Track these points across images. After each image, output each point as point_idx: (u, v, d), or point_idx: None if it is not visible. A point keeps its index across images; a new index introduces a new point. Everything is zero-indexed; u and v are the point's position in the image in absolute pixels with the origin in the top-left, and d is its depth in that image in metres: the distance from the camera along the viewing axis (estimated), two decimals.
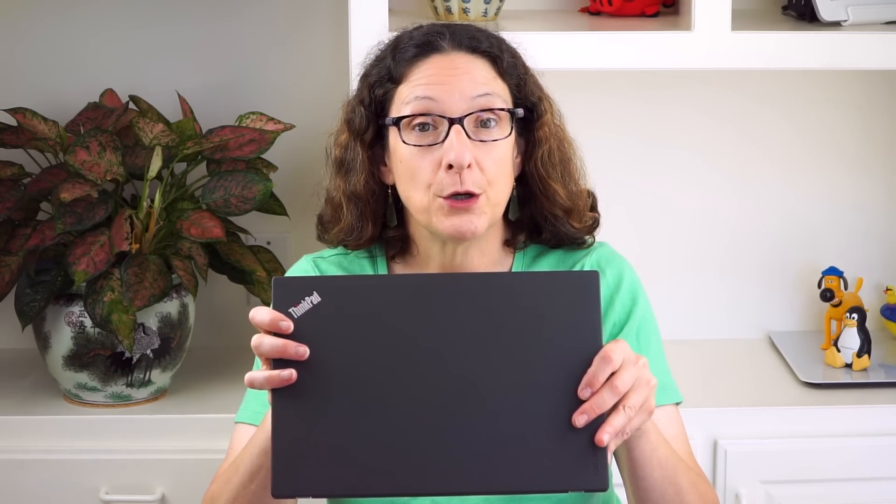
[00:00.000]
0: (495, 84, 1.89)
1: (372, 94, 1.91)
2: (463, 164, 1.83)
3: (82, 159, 2.56)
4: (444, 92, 1.85)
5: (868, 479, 2.57)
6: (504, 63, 1.90)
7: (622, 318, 1.94)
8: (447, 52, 1.89)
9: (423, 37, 1.91)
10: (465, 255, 1.92)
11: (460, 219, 1.85)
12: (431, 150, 1.85)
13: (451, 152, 1.83)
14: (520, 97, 1.91)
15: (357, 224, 1.95)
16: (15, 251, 2.62)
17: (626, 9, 2.74)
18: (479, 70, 1.88)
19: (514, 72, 1.91)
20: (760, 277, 2.96)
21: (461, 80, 1.86)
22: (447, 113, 1.85)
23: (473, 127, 1.86)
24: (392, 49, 1.92)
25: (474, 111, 1.85)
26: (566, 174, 1.95)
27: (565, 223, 1.94)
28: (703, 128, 2.91)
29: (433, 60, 1.88)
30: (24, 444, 2.60)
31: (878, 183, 2.95)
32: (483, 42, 1.90)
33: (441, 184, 1.84)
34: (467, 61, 1.89)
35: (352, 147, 1.93)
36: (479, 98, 1.86)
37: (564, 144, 1.95)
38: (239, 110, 2.80)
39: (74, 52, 2.88)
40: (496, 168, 1.86)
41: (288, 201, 2.77)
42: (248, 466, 1.77)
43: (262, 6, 2.88)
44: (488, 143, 1.86)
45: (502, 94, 1.89)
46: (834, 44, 2.57)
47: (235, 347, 2.86)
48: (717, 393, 2.68)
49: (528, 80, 1.93)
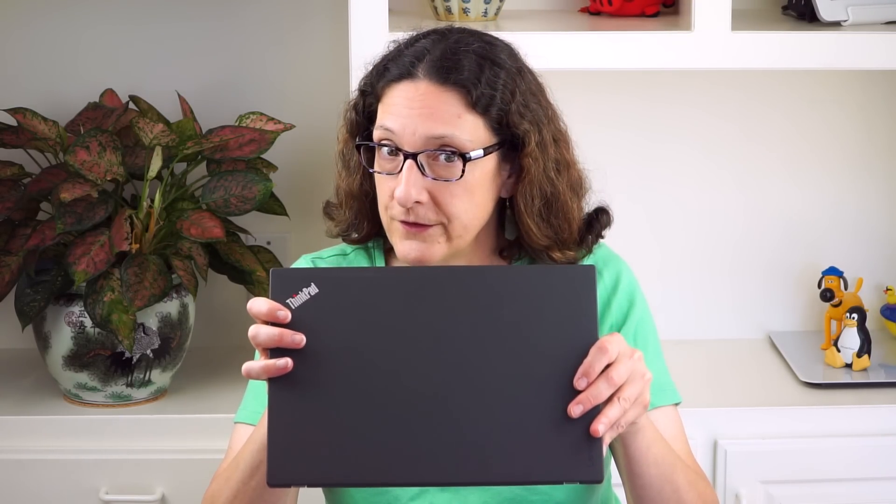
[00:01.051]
0: (459, 121, 1.82)
1: (364, 102, 1.92)
2: (407, 203, 1.82)
3: (82, 159, 2.56)
4: (403, 126, 1.82)
5: (868, 479, 2.57)
6: (475, 95, 1.82)
7: (619, 319, 1.94)
8: (417, 81, 1.83)
9: (407, 56, 1.86)
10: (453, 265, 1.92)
11: (412, 245, 1.85)
12: (390, 178, 1.84)
13: (399, 188, 1.82)
14: (500, 127, 1.85)
15: (354, 221, 1.96)
16: (15, 251, 2.62)
17: (626, 9, 2.74)
18: (443, 105, 1.82)
19: (492, 102, 1.83)
20: (761, 277, 2.96)
21: (420, 117, 1.82)
22: (403, 146, 1.83)
23: (431, 161, 1.83)
24: (381, 66, 1.89)
25: (428, 150, 1.82)
26: (546, 208, 1.89)
27: (543, 255, 1.92)
28: (703, 128, 2.91)
29: (402, 88, 1.84)
30: (24, 444, 2.60)
31: (878, 183, 2.95)
32: (453, 72, 1.83)
33: (394, 211, 1.85)
34: (432, 94, 1.82)
35: (349, 147, 1.94)
36: (436, 139, 1.81)
37: (551, 174, 1.88)
38: (239, 110, 2.80)
39: (74, 52, 2.88)
40: (453, 203, 1.83)
41: (288, 201, 2.77)
42: (248, 462, 1.77)
43: (261, 6, 2.88)
44: (442, 183, 1.82)
45: (468, 130, 1.82)
46: (834, 44, 2.57)
47: (235, 347, 2.86)
48: (717, 393, 2.68)
49: (511, 108, 1.84)
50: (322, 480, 1.63)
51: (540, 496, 1.89)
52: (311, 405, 1.62)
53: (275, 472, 1.61)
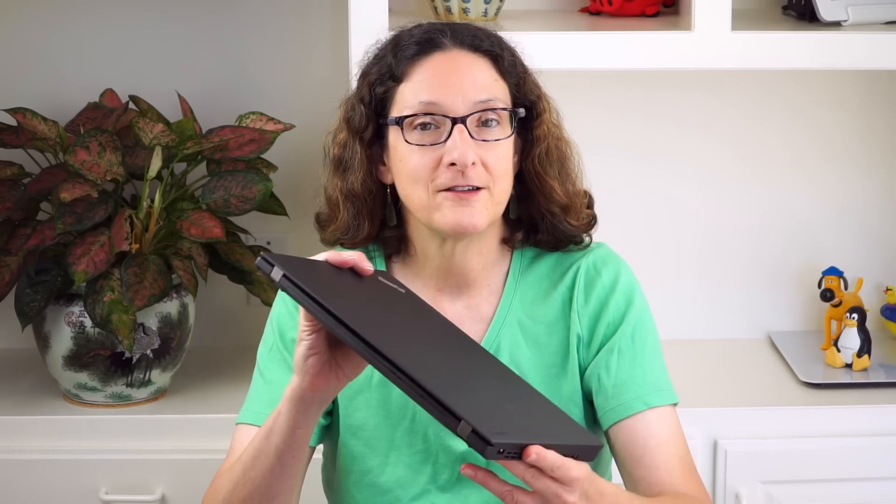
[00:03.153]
0: (496, 84, 1.89)
1: (372, 93, 1.91)
2: (466, 163, 1.84)
3: (82, 159, 2.56)
4: (447, 94, 1.86)
5: (868, 479, 2.57)
6: (505, 62, 1.91)
7: (616, 318, 1.94)
8: (449, 50, 1.89)
9: (423, 34, 1.91)
10: (464, 254, 1.93)
11: (462, 212, 1.86)
12: (432, 148, 1.86)
13: (455, 151, 1.84)
14: (519, 96, 1.92)
15: (353, 222, 1.95)
16: (15, 251, 2.62)
17: (626, 9, 2.74)
18: (480, 70, 1.89)
19: (514, 71, 1.92)
20: (761, 277, 2.96)
21: (464, 82, 1.87)
22: (450, 113, 1.86)
23: (476, 126, 1.87)
24: (393, 47, 1.92)
25: (477, 111, 1.86)
26: (563, 172, 1.95)
27: (562, 220, 1.94)
28: (703, 128, 2.91)
29: (435, 59, 1.89)
30: (24, 444, 2.60)
31: (878, 183, 2.95)
32: (484, 41, 1.91)
33: (442, 179, 1.85)
34: (469, 61, 1.89)
35: (350, 145, 1.94)
36: (482, 102, 1.87)
37: (562, 143, 1.96)
38: (239, 110, 2.79)
39: (74, 52, 2.88)
40: (500, 166, 1.87)
41: (288, 201, 2.77)
42: (251, 452, 1.79)
43: (261, 6, 2.88)
44: (491, 143, 1.86)
45: (503, 94, 1.89)
46: (834, 44, 2.57)
47: (235, 347, 2.86)
48: (717, 393, 2.68)
49: (526, 78, 1.93)
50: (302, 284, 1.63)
51: None
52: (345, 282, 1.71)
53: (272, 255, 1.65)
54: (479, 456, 1.89)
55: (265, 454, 1.77)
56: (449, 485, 1.92)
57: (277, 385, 1.92)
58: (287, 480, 1.80)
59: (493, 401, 1.63)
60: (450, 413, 1.54)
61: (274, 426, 1.76)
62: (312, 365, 1.71)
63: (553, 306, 1.95)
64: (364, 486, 1.93)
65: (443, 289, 1.96)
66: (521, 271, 1.98)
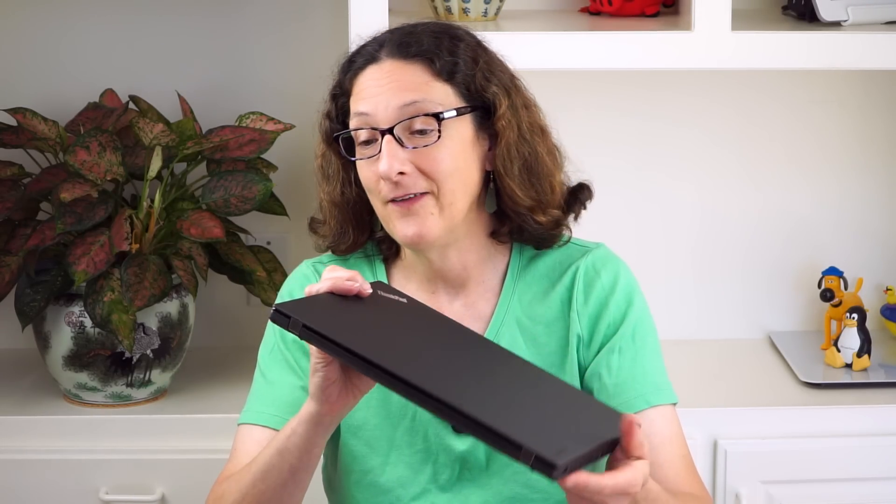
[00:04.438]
0: (427, 87, 1.87)
1: (336, 106, 1.95)
2: (391, 175, 1.84)
3: (82, 159, 2.56)
4: (374, 104, 1.87)
5: (868, 479, 2.57)
6: (439, 63, 1.88)
7: (617, 318, 1.94)
8: (381, 62, 1.89)
9: (367, 47, 1.92)
10: (443, 258, 1.93)
11: (407, 223, 1.86)
12: (372, 161, 1.87)
13: (381, 163, 1.85)
14: (470, 93, 1.89)
15: (340, 230, 1.97)
16: (15, 251, 2.62)
17: (626, 9, 2.74)
18: (409, 76, 1.87)
19: (456, 69, 1.89)
20: (760, 277, 2.96)
21: (388, 91, 1.87)
22: (378, 125, 1.86)
23: (408, 134, 1.86)
24: (347, 61, 1.94)
25: (401, 119, 1.86)
26: (526, 169, 1.91)
27: (527, 218, 1.93)
28: (703, 128, 2.91)
29: (369, 73, 1.90)
30: (24, 444, 2.60)
31: (878, 183, 2.95)
32: (413, 46, 1.89)
33: (384, 192, 1.87)
34: (398, 69, 1.88)
35: (328, 156, 1.96)
36: (407, 107, 1.86)
37: (527, 137, 1.92)
38: (239, 110, 2.80)
39: (74, 52, 2.88)
40: (440, 168, 1.86)
41: (288, 201, 2.77)
42: (261, 465, 1.80)
43: (261, 6, 2.88)
44: (423, 149, 1.86)
45: (439, 96, 1.87)
46: (834, 44, 2.57)
47: (235, 347, 2.86)
48: (717, 393, 2.68)
49: (476, 74, 1.89)
50: (320, 329, 1.64)
51: (540, 494, 1.90)
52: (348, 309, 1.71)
53: (286, 306, 1.66)
54: (478, 454, 1.90)
55: (277, 469, 1.78)
56: (449, 484, 1.92)
57: (279, 385, 1.93)
58: (299, 493, 1.82)
59: (533, 410, 1.62)
60: (507, 441, 1.54)
61: (288, 444, 1.77)
62: (331, 394, 1.73)
63: (552, 306, 1.96)
64: (365, 485, 1.94)
65: (437, 290, 1.96)
66: (519, 270, 1.98)
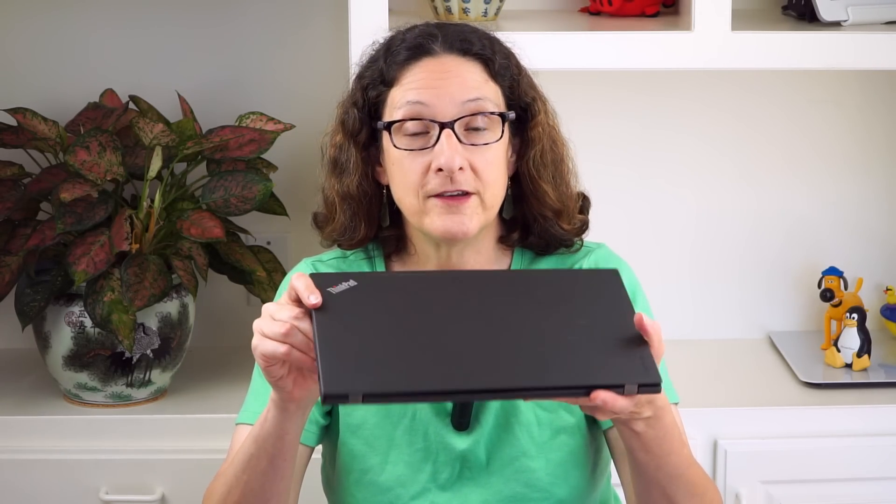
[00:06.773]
0: (486, 87, 1.89)
1: (365, 97, 1.93)
2: (453, 168, 1.84)
3: (82, 159, 2.56)
4: (435, 96, 1.86)
5: (868, 479, 2.57)
6: (496, 65, 1.90)
7: None
8: (438, 56, 1.89)
9: (415, 39, 1.91)
10: (461, 255, 1.93)
11: (451, 219, 1.86)
12: (422, 153, 1.87)
13: (442, 156, 1.84)
14: (513, 98, 1.92)
15: (350, 224, 1.96)
16: (15, 251, 2.62)
17: (626, 9, 2.74)
18: (470, 73, 1.89)
19: (507, 73, 1.91)
20: (760, 277, 2.96)
21: (452, 85, 1.87)
22: (438, 117, 1.86)
23: (464, 131, 1.87)
24: (385, 51, 1.93)
25: (465, 115, 1.86)
26: (557, 175, 1.95)
27: (554, 224, 1.94)
28: (703, 128, 2.91)
29: (424, 64, 1.89)
30: (24, 444, 2.60)
31: (878, 183, 2.95)
32: (475, 44, 1.91)
33: (432, 185, 1.86)
34: (458, 64, 1.89)
35: (346, 148, 1.94)
36: (470, 103, 1.87)
37: (557, 145, 1.96)
38: (239, 110, 2.80)
39: (74, 52, 2.88)
40: (490, 170, 1.87)
41: (288, 201, 2.77)
42: (243, 456, 1.79)
43: (262, 6, 2.88)
44: (479, 147, 1.86)
45: (493, 96, 1.89)
46: (834, 44, 2.57)
47: (235, 347, 2.86)
48: (717, 393, 2.68)
49: (521, 80, 1.93)
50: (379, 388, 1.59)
51: (540, 493, 1.90)
52: (362, 326, 1.62)
53: (330, 383, 1.57)
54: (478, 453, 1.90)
55: (256, 457, 1.77)
56: (449, 483, 1.92)
57: None
58: (280, 482, 1.79)
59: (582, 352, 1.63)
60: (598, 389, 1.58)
61: (262, 432, 1.76)
62: (285, 385, 1.70)
63: None
64: (364, 484, 1.94)
65: None
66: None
